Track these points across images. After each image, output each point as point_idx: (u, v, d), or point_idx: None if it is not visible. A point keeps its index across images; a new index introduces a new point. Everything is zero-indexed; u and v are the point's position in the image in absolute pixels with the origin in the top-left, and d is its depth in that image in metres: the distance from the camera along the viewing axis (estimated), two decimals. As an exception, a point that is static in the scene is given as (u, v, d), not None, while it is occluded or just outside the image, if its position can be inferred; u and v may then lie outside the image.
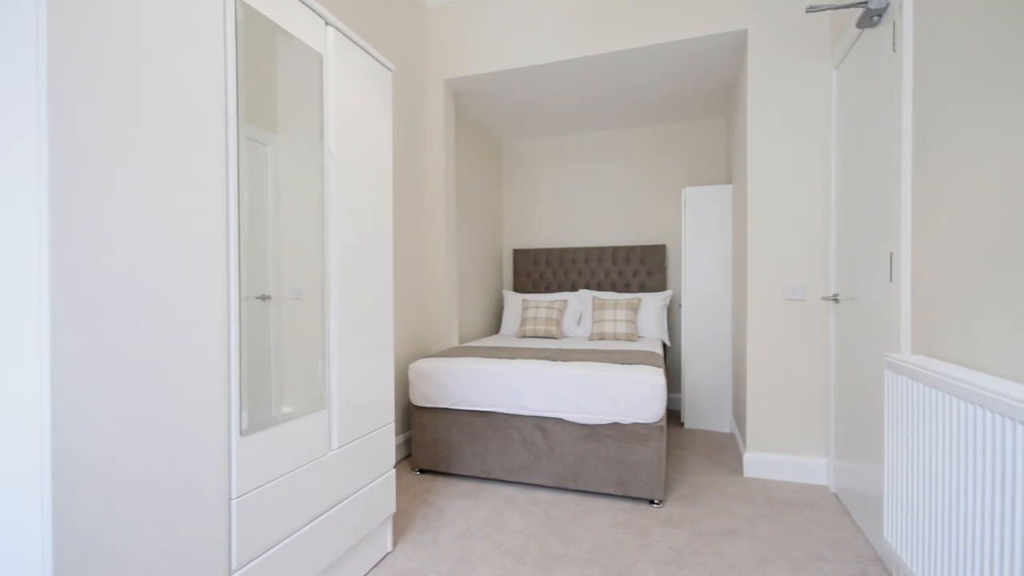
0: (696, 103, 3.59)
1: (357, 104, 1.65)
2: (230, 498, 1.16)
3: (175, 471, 1.02)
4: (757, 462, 2.54)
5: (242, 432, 1.18)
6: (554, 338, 3.66)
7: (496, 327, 4.43)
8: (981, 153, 1.21)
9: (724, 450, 2.97)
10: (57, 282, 0.82)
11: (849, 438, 2.10)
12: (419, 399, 2.57)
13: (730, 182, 3.56)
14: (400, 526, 2.04)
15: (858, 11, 1.94)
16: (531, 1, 2.95)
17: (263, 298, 1.28)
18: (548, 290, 4.27)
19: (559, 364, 2.40)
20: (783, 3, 2.49)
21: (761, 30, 2.53)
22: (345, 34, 1.58)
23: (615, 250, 4.09)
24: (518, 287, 4.38)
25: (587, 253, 4.16)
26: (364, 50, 1.68)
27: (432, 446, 2.58)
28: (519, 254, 4.38)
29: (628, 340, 3.47)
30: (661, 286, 3.96)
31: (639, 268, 4.03)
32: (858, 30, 1.96)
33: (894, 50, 1.65)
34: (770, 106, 2.52)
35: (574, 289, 4.19)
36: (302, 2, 1.40)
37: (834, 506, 2.19)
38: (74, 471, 0.84)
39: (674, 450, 2.98)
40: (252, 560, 1.21)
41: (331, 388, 1.53)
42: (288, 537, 1.33)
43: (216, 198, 1.12)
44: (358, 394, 1.65)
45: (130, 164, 0.94)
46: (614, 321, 3.55)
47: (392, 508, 1.82)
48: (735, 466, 2.70)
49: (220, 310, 1.13)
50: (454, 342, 3.30)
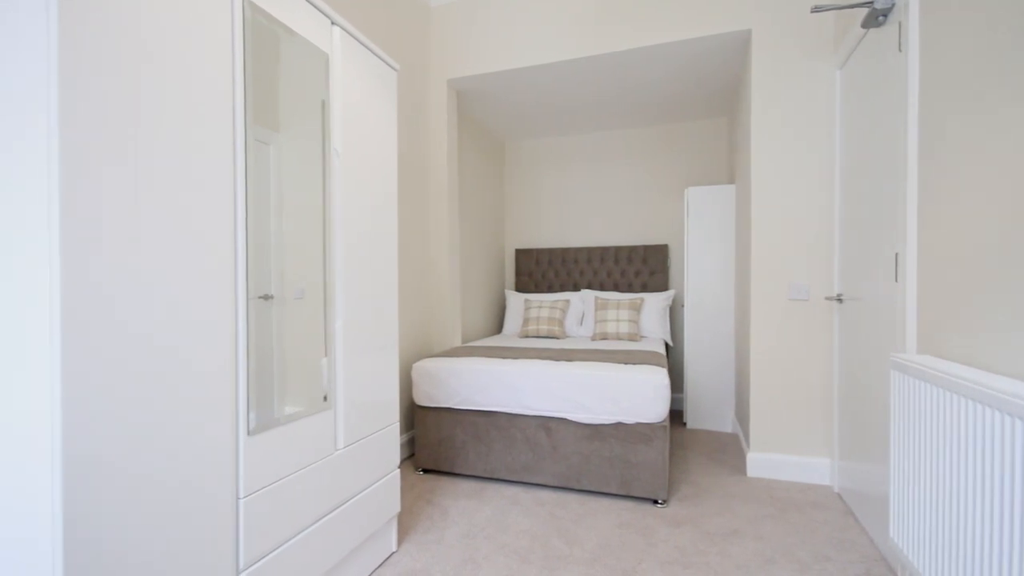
0: (698, 103, 3.59)
1: (362, 104, 1.65)
2: (238, 498, 1.16)
3: (183, 471, 1.02)
4: (760, 462, 2.54)
5: (249, 432, 1.18)
6: (557, 338, 3.66)
7: (498, 327, 4.44)
8: (988, 153, 1.22)
9: (727, 450, 2.97)
10: (68, 284, 0.82)
11: (853, 438, 2.10)
12: (423, 399, 2.57)
13: (732, 182, 3.55)
14: (404, 526, 2.04)
15: (863, 11, 1.94)
16: (534, 1, 2.95)
17: (265, 298, 1.28)
18: (550, 290, 4.27)
19: (563, 364, 2.40)
20: (787, 3, 2.49)
21: (765, 30, 2.53)
22: (351, 33, 1.58)
23: (617, 250, 4.09)
24: (520, 287, 4.38)
25: (589, 253, 4.16)
26: (369, 50, 1.68)
27: (435, 446, 2.58)
28: (521, 254, 4.38)
29: (631, 340, 3.47)
30: (663, 286, 3.96)
31: (641, 268, 4.03)
32: (863, 30, 1.96)
33: (900, 50, 1.65)
34: (773, 106, 2.52)
35: (576, 289, 4.19)
36: (309, 1, 1.40)
37: (838, 506, 2.20)
38: (84, 472, 0.84)
39: (677, 450, 2.98)
40: (259, 560, 1.21)
41: (337, 388, 1.53)
42: (295, 537, 1.33)
43: (224, 200, 1.12)
44: (363, 394, 1.65)
45: (140, 167, 0.94)
46: (617, 321, 3.56)
47: (397, 508, 1.82)
48: (738, 466, 2.70)
49: (228, 310, 1.13)
50: (457, 342, 3.30)
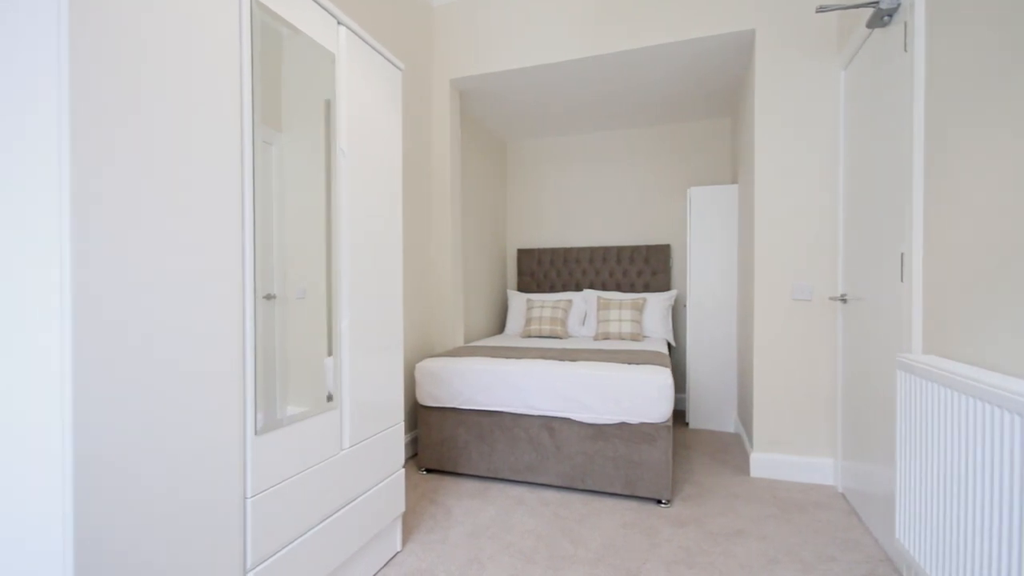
0: (701, 103, 3.59)
1: (368, 104, 1.65)
2: (245, 497, 1.16)
3: (192, 470, 1.02)
4: (763, 462, 2.54)
5: (257, 432, 1.18)
6: (559, 338, 3.66)
7: (500, 327, 4.44)
8: (994, 153, 1.21)
9: (729, 450, 2.97)
10: (78, 284, 0.82)
11: (857, 438, 2.10)
12: (426, 399, 2.57)
13: (735, 182, 3.55)
14: (408, 526, 2.04)
15: (868, 11, 1.94)
16: (536, 1, 2.95)
17: (268, 297, 1.28)
18: (552, 290, 4.27)
19: (566, 364, 2.40)
20: (790, 3, 2.48)
21: (768, 30, 2.52)
22: (357, 33, 1.58)
23: (619, 250, 4.09)
24: (522, 287, 4.38)
25: (591, 253, 4.16)
26: (375, 50, 1.68)
27: (439, 445, 2.58)
28: (523, 254, 4.38)
29: (633, 340, 3.47)
30: (665, 286, 3.96)
31: (643, 268, 4.03)
32: (867, 30, 1.96)
33: (905, 50, 1.65)
34: (777, 106, 2.52)
35: (578, 289, 4.19)
36: (316, 1, 1.40)
37: (841, 506, 2.20)
38: (94, 472, 0.84)
39: (679, 450, 2.99)
40: (266, 559, 1.21)
41: (342, 387, 1.53)
42: (301, 536, 1.33)
43: (232, 200, 1.12)
44: (369, 393, 1.65)
45: (151, 167, 0.94)
46: (619, 321, 3.56)
47: (402, 508, 1.82)
48: (741, 466, 2.70)
49: (236, 310, 1.13)
50: (459, 342, 3.30)
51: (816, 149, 2.46)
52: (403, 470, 1.84)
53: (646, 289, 4.01)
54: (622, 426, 2.26)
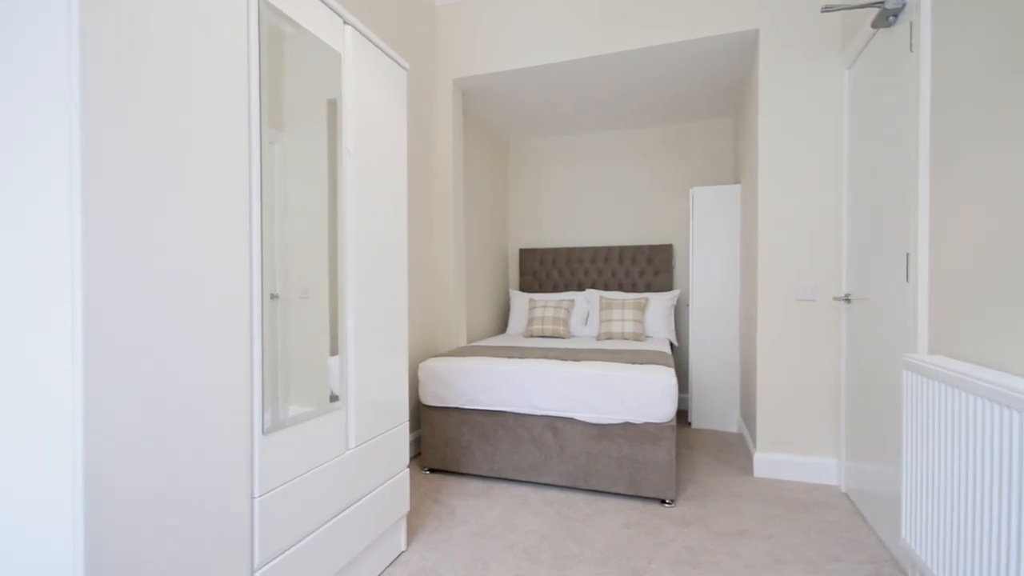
0: (704, 103, 3.58)
1: (374, 103, 1.65)
2: (253, 497, 1.16)
3: (200, 470, 1.02)
4: (767, 462, 2.54)
5: (264, 431, 1.18)
6: (561, 337, 3.67)
7: (502, 326, 4.43)
8: (1000, 153, 1.21)
9: (732, 450, 2.98)
10: (89, 285, 0.82)
11: (861, 438, 2.10)
12: (429, 398, 2.57)
13: (738, 182, 3.55)
14: (413, 525, 2.04)
15: (873, 11, 1.94)
16: (540, 0, 2.95)
17: (272, 297, 1.27)
18: (555, 290, 4.27)
19: (570, 364, 2.40)
20: (794, 3, 2.48)
21: (772, 30, 2.52)
22: (363, 33, 1.58)
23: (622, 250, 4.09)
24: (524, 287, 4.38)
25: (594, 253, 4.16)
26: (381, 49, 1.68)
27: (442, 445, 2.59)
28: (525, 253, 4.38)
29: (636, 340, 3.47)
30: (668, 286, 3.96)
31: (646, 268, 4.03)
32: (872, 30, 1.96)
33: (911, 50, 1.65)
34: (781, 106, 2.52)
35: (581, 289, 4.19)
36: (322, 1, 1.40)
37: (845, 506, 2.20)
38: (104, 472, 0.84)
39: (682, 450, 2.99)
40: (274, 559, 1.21)
41: (348, 387, 1.53)
42: (308, 536, 1.33)
43: (240, 200, 1.12)
44: (374, 393, 1.65)
45: (162, 167, 0.94)
46: (622, 321, 3.56)
47: (406, 507, 1.82)
48: (744, 466, 2.70)
49: (244, 310, 1.13)
50: (462, 342, 3.30)
51: (819, 149, 2.46)
52: (407, 470, 1.84)
53: (648, 289, 4.01)
54: (626, 426, 2.26)
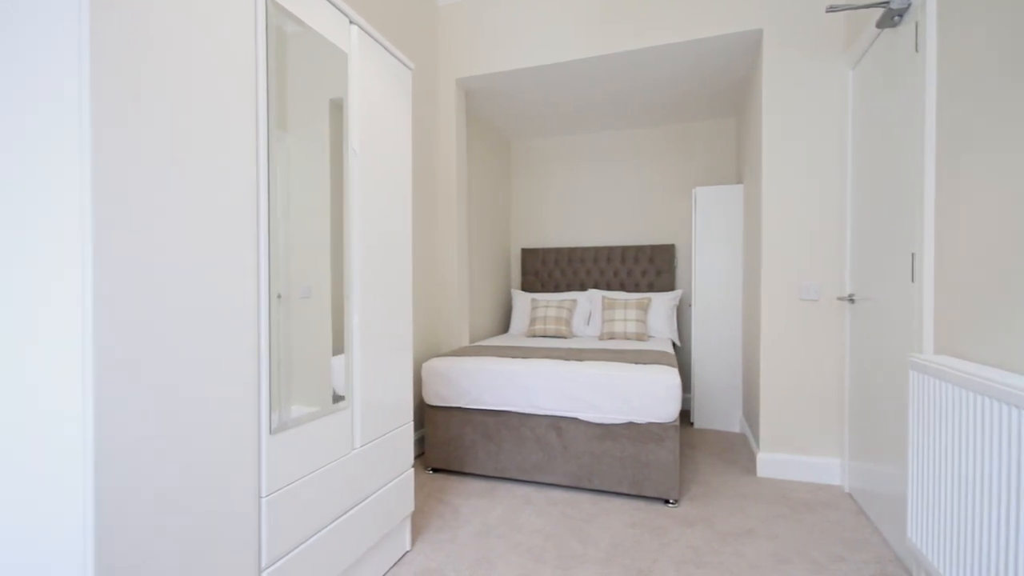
0: (706, 103, 3.58)
1: (379, 103, 1.65)
2: (260, 496, 1.16)
3: (208, 470, 1.02)
4: (770, 462, 2.54)
5: (271, 431, 1.18)
6: (564, 337, 3.66)
7: (505, 326, 4.43)
8: (1006, 153, 1.21)
9: (735, 450, 2.98)
10: (100, 283, 0.82)
11: (865, 438, 2.10)
12: (433, 398, 2.57)
13: (740, 182, 3.55)
14: (417, 525, 2.05)
15: (878, 11, 1.94)
16: (543, 0, 2.95)
17: (277, 297, 1.27)
18: (557, 289, 4.27)
19: (573, 363, 2.40)
20: (798, 3, 2.48)
21: (776, 30, 2.52)
22: (368, 32, 1.58)
23: (624, 250, 4.09)
24: (526, 286, 4.38)
25: (596, 253, 4.16)
26: (386, 49, 1.68)
27: (445, 445, 2.59)
28: (527, 253, 4.38)
29: (638, 340, 3.47)
30: (670, 286, 3.96)
31: (648, 268, 4.02)
32: (877, 30, 1.96)
33: (916, 50, 1.65)
34: (785, 106, 2.52)
35: (583, 288, 4.19)
36: (329, 1, 1.40)
37: (849, 506, 2.20)
38: (114, 472, 0.84)
39: (685, 450, 2.99)
40: (281, 558, 1.21)
41: (354, 387, 1.53)
42: (314, 535, 1.33)
43: (248, 201, 1.12)
44: (379, 393, 1.65)
45: (172, 167, 0.94)
46: (624, 321, 3.56)
47: (411, 507, 1.82)
48: (748, 466, 2.70)
49: (251, 309, 1.13)
50: (464, 341, 3.30)
51: (823, 149, 2.46)
52: (412, 470, 1.84)
53: (650, 289, 4.01)
54: (629, 426, 2.26)
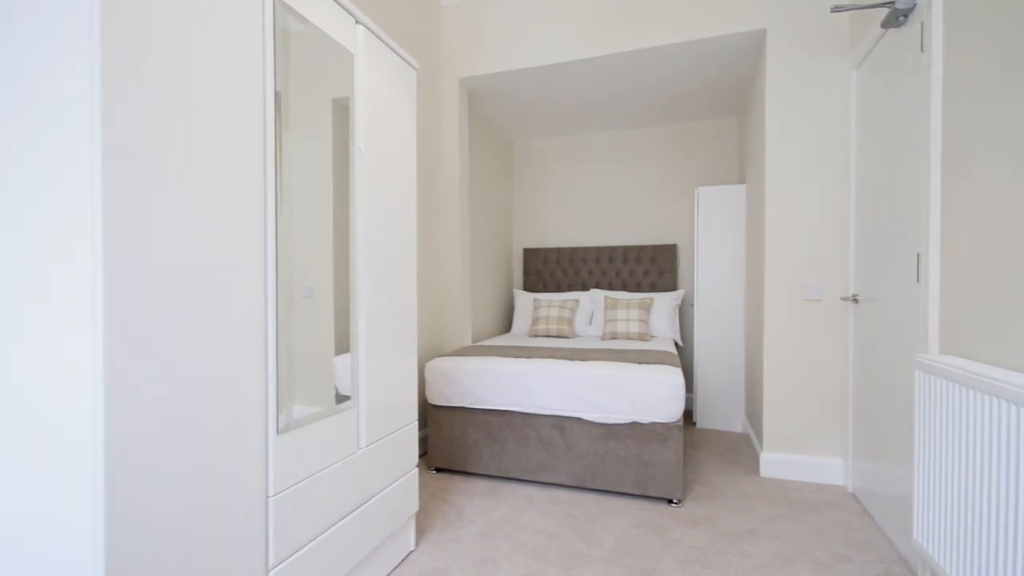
0: (707, 103, 3.58)
1: (384, 103, 1.65)
2: (267, 496, 1.16)
3: (216, 470, 1.02)
4: (774, 462, 2.54)
5: (279, 431, 1.18)
6: (566, 337, 3.66)
7: (507, 326, 4.43)
8: (1012, 153, 1.21)
9: (738, 450, 2.98)
10: (111, 281, 0.82)
11: (869, 439, 2.10)
12: (436, 398, 2.57)
13: (742, 182, 3.55)
14: (421, 524, 2.05)
15: (883, 11, 1.94)
16: (545, 0, 2.95)
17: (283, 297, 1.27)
18: (559, 289, 4.27)
19: (577, 363, 2.40)
20: (801, 3, 2.48)
21: (779, 30, 2.52)
22: (374, 32, 1.58)
23: (626, 250, 4.09)
24: (528, 286, 4.38)
25: (598, 252, 4.16)
26: (391, 48, 1.68)
27: (448, 445, 2.59)
28: (529, 253, 4.38)
29: (641, 340, 3.47)
30: (672, 286, 3.96)
31: (650, 268, 4.02)
32: (881, 30, 1.96)
33: (922, 50, 1.65)
34: (788, 106, 2.52)
35: (585, 288, 4.19)
36: (335, 0, 1.40)
37: (853, 506, 2.20)
38: (124, 472, 0.85)
39: (688, 450, 2.99)
40: (287, 558, 1.21)
41: (360, 387, 1.53)
42: (320, 535, 1.33)
43: (255, 201, 1.12)
44: (385, 392, 1.65)
45: (182, 168, 0.94)
46: (627, 320, 3.56)
47: (415, 507, 1.82)
48: (751, 466, 2.70)
49: (259, 309, 1.13)
50: (467, 341, 3.30)
51: (827, 149, 2.46)
52: (416, 469, 1.84)
53: (652, 289, 4.01)
54: (633, 426, 2.26)
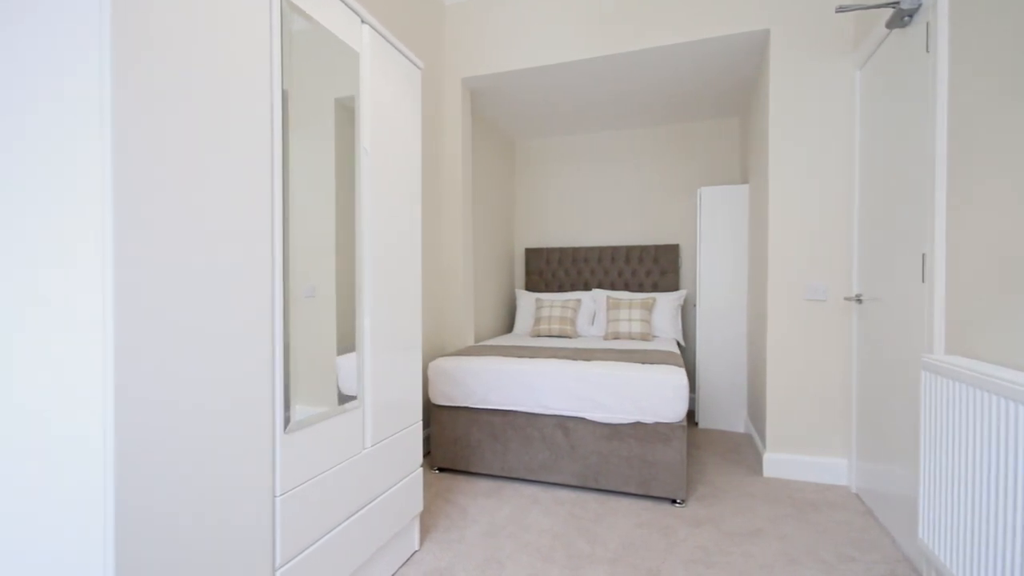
0: (709, 103, 3.58)
1: (389, 103, 1.65)
2: (275, 495, 1.16)
3: (224, 469, 1.02)
4: (777, 462, 2.54)
5: (285, 430, 1.18)
6: (568, 337, 3.66)
7: (508, 326, 4.43)
8: (1019, 153, 1.21)
9: (740, 450, 2.98)
10: (121, 281, 0.82)
11: (873, 439, 2.10)
12: (439, 397, 2.57)
13: (744, 182, 3.55)
14: (425, 524, 2.05)
15: (887, 11, 1.94)
16: (546, 0, 2.95)
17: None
18: (561, 289, 4.27)
19: (580, 363, 2.40)
20: (805, 3, 2.48)
21: (783, 30, 2.52)
22: (380, 32, 1.58)
23: (628, 249, 4.09)
24: (530, 286, 4.38)
25: (600, 252, 4.16)
26: (396, 48, 1.68)
27: (451, 444, 2.59)
28: (531, 253, 4.38)
29: (643, 340, 3.47)
30: (674, 286, 3.96)
31: (652, 268, 4.02)
32: (886, 30, 1.95)
33: (927, 51, 1.65)
34: (791, 106, 2.52)
35: (587, 288, 4.19)
36: (341, 0, 1.40)
37: (857, 506, 2.20)
38: (133, 472, 0.84)
39: (691, 450, 2.99)
40: (294, 557, 1.21)
41: (365, 387, 1.53)
42: (326, 535, 1.33)
43: (263, 201, 1.12)
44: (390, 392, 1.65)
45: (191, 168, 0.94)
46: (629, 320, 3.56)
47: (420, 507, 1.82)
48: (753, 466, 2.70)
49: (266, 309, 1.13)
50: (470, 341, 3.30)
51: (830, 149, 2.46)
52: (421, 469, 1.84)
53: (655, 289, 4.01)
54: (637, 426, 2.26)
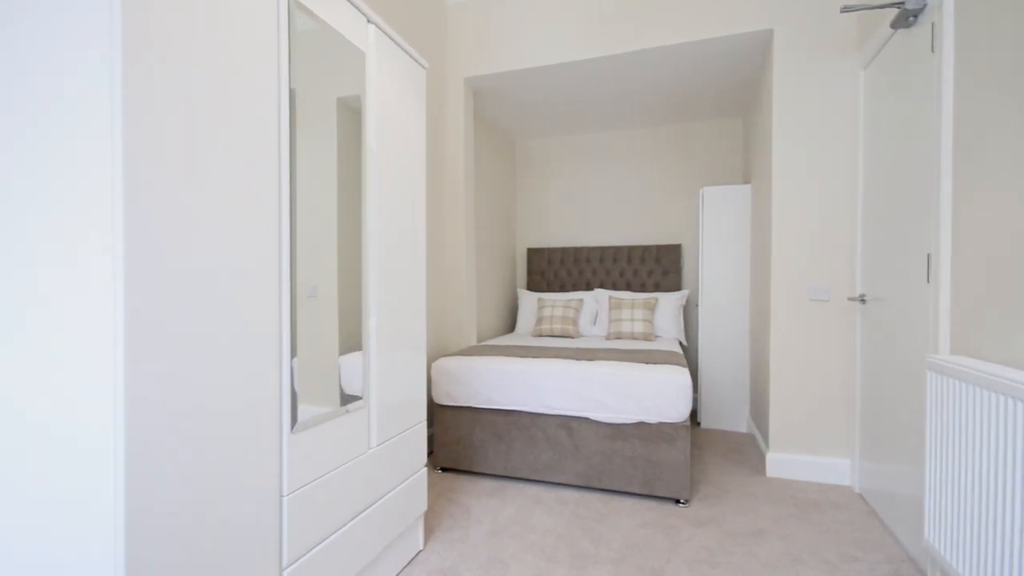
0: (712, 103, 3.58)
1: (395, 102, 1.65)
2: (281, 495, 1.16)
3: (231, 470, 1.02)
4: (780, 462, 2.54)
5: (292, 430, 1.18)
6: (571, 337, 3.66)
7: (511, 326, 4.43)
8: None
9: (743, 450, 2.98)
10: (132, 283, 0.82)
11: (877, 439, 2.10)
12: (442, 397, 2.57)
13: (746, 182, 3.55)
14: (429, 524, 2.05)
15: (892, 11, 1.94)
16: (548, 0, 2.95)
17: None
18: (563, 289, 4.27)
19: (583, 363, 2.40)
20: (809, 3, 2.48)
21: (787, 30, 2.52)
22: (385, 32, 1.58)
23: (630, 249, 4.09)
24: (532, 286, 4.38)
25: (602, 252, 4.16)
26: (401, 48, 1.68)
27: (455, 444, 2.59)
28: (533, 253, 4.38)
29: (645, 340, 3.47)
30: (676, 286, 3.96)
31: (654, 268, 4.02)
32: (890, 30, 1.95)
33: (933, 51, 1.65)
34: (794, 106, 2.52)
35: (589, 288, 4.19)
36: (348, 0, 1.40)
37: (860, 507, 2.20)
38: (143, 471, 0.85)
39: (693, 450, 2.99)
40: (301, 557, 1.21)
41: (371, 386, 1.53)
42: (332, 534, 1.33)
43: (270, 201, 1.12)
44: (395, 392, 1.65)
45: (199, 168, 0.94)
46: (631, 320, 3.55)
47: (424, 506, 1.82)
48: (756, 466, 2.70)
49: (273, 309, 1.13)
50: (472, 341, 3.30)
51: (833, 149, 2.46)
52: (425, 469, 1.84)
53: (657, 289, 4.01)
54: (640, 425, 2.26)
